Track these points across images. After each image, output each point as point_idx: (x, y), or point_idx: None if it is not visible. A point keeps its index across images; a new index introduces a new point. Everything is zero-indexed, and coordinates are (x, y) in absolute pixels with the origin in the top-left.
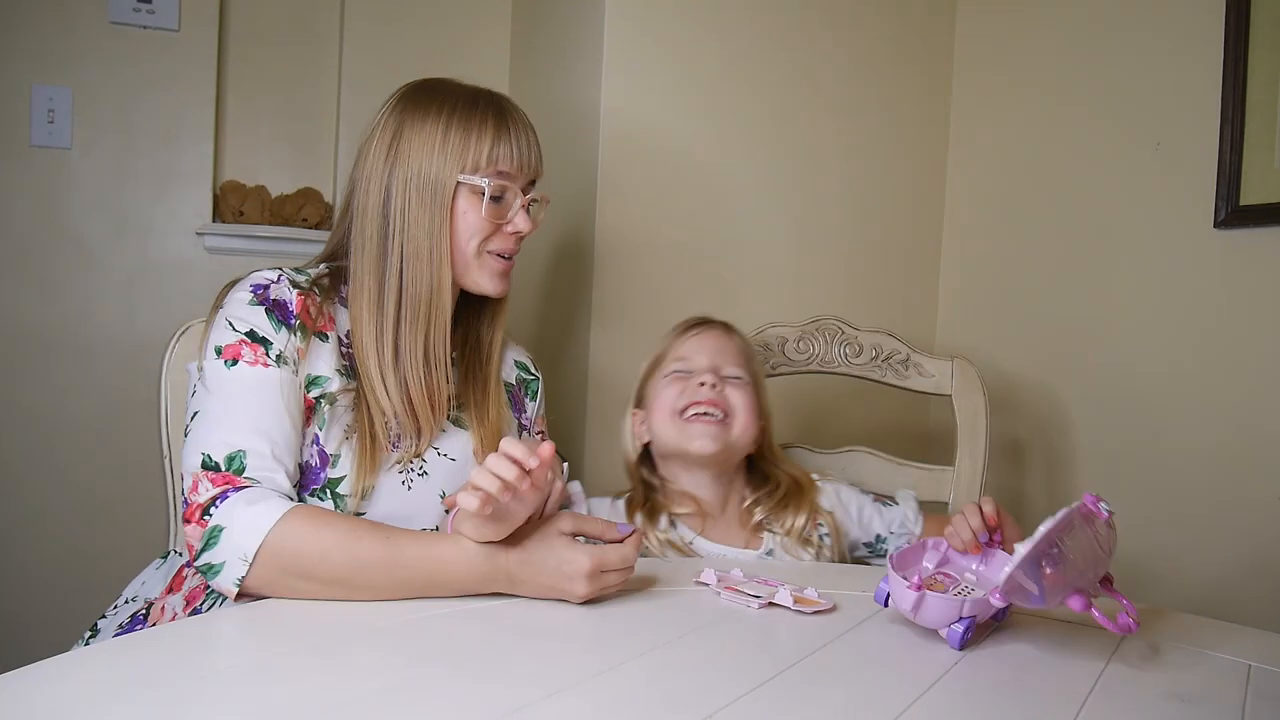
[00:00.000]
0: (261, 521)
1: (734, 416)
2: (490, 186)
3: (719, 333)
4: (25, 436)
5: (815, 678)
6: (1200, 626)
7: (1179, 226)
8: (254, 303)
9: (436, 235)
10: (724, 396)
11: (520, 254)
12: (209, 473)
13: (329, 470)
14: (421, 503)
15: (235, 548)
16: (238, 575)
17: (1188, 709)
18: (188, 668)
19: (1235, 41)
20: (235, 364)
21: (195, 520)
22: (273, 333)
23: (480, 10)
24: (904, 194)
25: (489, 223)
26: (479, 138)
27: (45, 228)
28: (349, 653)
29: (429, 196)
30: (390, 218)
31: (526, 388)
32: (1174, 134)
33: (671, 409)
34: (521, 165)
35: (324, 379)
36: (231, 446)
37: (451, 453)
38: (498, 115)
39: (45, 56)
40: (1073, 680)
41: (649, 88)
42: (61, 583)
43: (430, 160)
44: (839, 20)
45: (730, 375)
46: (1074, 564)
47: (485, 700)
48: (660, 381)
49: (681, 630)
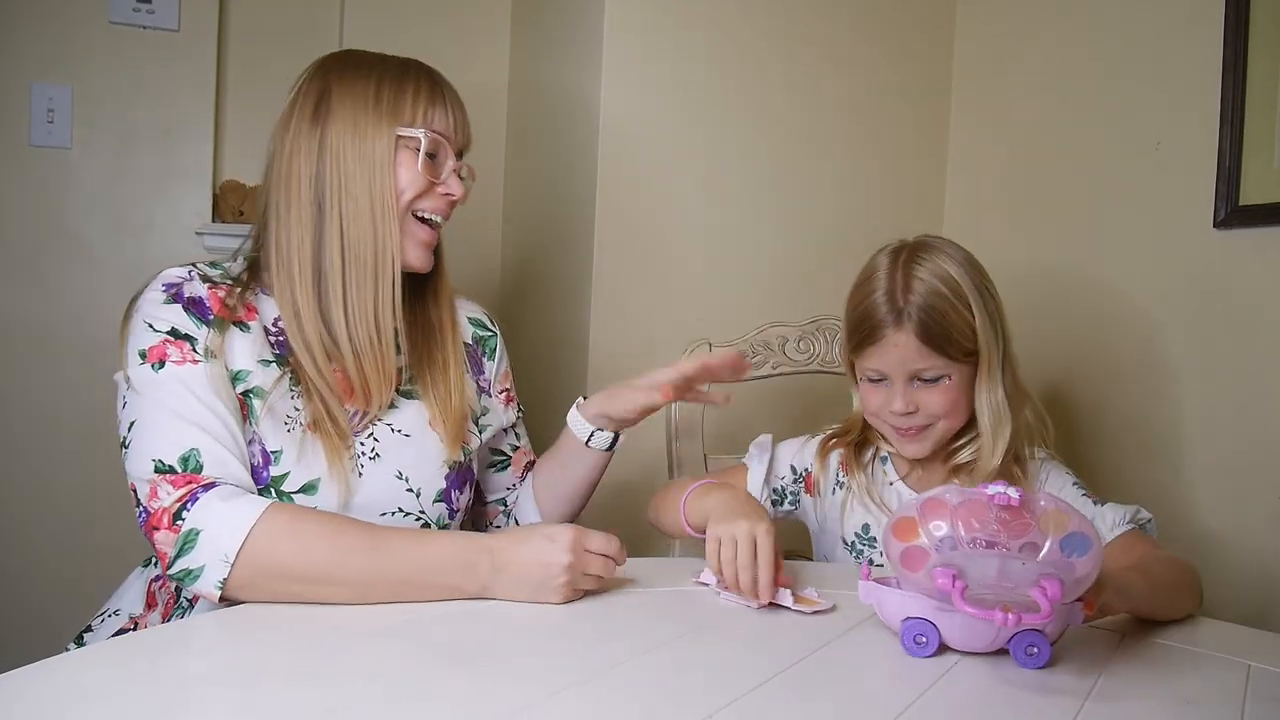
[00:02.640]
0: (241, 520)
1: (935, 423)
2: (426, 140)
3: (902, 337)
4: (24, 435)
5: (815, 678)
6: (1200, 626)
7: (1178, 226)
8: (169, 301)
9: (378, 191)
10: (920, 412)
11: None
12: (166, 476)
13: (272, 468)
14: (377, 488)
15: (215, 549)
16: (220, 577)
17: (1188, 709)
18: (186, 669)
19: (1235, 41)
20: (163, 365)
21: (166, 526)
22: (194, 329)
23: (480, 9)
24: (904, 193)
25: (424, 178)
26: (414, 95)
27: (45, 227)
28: (349, 653)
29: (369, 151)
30: (325, 179)
31: (483, 345)
32: (1174, 134)
33: (873, 415)
34: (453, 128)
35: (244, 373)
36: (182, 446)
37: (405, 427)
38: (429, 78)
39: (45, 56)
40: (1073, 680)
41: (648, 87)
42: (61, 582)
43: (365, 116)
44: (838, 19)
45: (928, 378)
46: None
47: (485, 700)
48: (860, 376)
49: (681, 630)
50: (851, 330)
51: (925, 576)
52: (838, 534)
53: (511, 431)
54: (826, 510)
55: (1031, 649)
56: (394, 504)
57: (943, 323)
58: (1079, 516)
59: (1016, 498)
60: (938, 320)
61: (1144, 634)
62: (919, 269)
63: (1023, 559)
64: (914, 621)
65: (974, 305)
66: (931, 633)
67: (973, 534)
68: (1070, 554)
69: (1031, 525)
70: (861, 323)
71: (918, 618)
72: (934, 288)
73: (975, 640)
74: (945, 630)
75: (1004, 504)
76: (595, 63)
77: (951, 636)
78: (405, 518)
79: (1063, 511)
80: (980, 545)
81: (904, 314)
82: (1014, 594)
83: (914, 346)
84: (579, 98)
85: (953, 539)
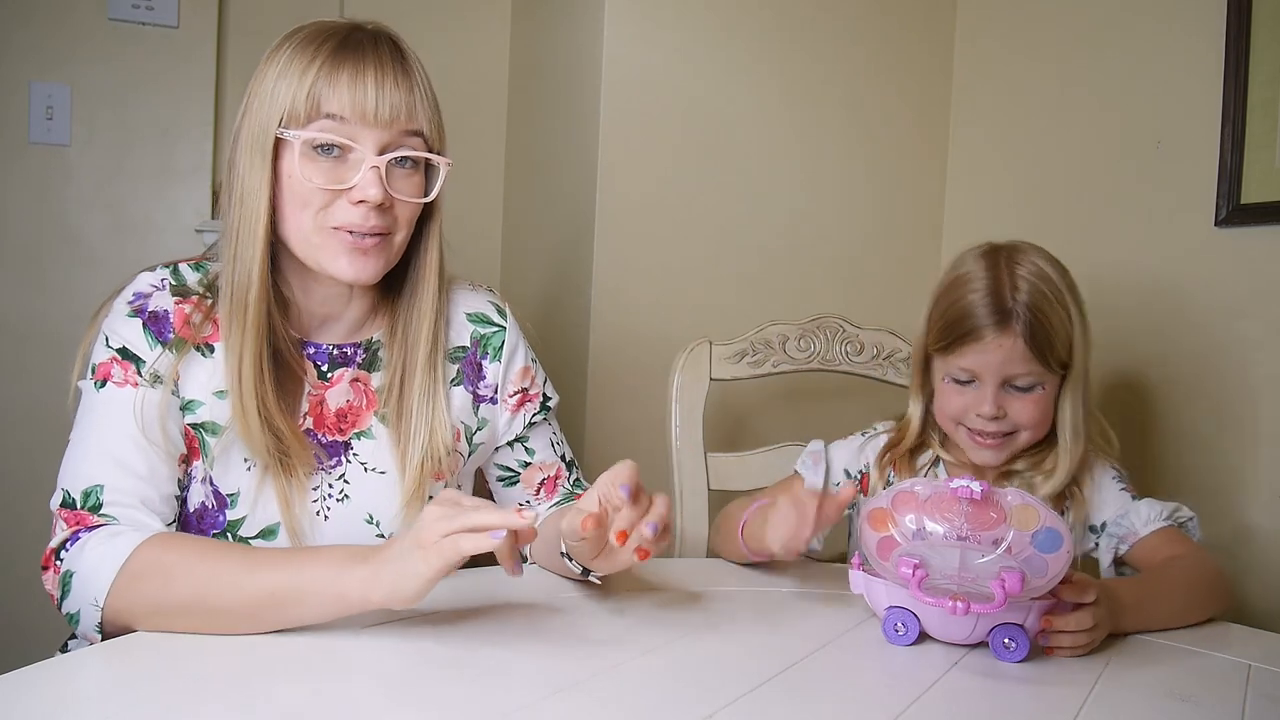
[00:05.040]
0: (110, 561)
1: (1019, 433)
2: (305, 137)
3: (1007, 339)
4: (22, 435)
5: (815, 677)
6: (1200, 626)
7: (1180, 225)
8: (130, 315)
9: (256, 208)
10: (1007, 418)
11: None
12: (65, 511)
13: (228, 511)
14: (341, 532)
15: (87, 593)
16: (94, 622)
17: (1188, 709)
18: (185, 669)
19: (1236, 39)
20: (104, 385)
21: (50, 566)
22: (146, 350)
23: (480, 6)
24: (904, 193)
25: (319, 188)
26: (302, 76)
27: (44, 225)
28: (349, 653)
29: (258, 156)
30: (232, 189)
31: (484, 345)
32: (1175, 133)
33: (953, 418)
34: (363, 111)
35: (197, 404)
36: (90, 480)
37: (379, 462)
38: (334, 51)
39: (44, 53)
40: (1073, 680)
41: (649, 87)
42: None
43: (262, 110)
44: (838, 19)
45: (1020, 385)
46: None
47: (485, 700)
48: (945, 378)
49: (681, 630)
50: (945, 328)
51: (892, 565)
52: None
53: (519, 445)
54: None
55: (1009, 642)
56: None
57: (1048, 327)
58: (1049, 513)
59: (979, 492)
60: (1043, 324)
61: (1144, 634)
62: (1021, 269)
63: (983, 551)
64: (895, 610)
65: (1072, 313)
66: (911, 621)
67: (938, 525)
68: (1041, 549)
69: (999, 520)
70: (960, 321)
71: (899, 607)
72: (1040, 289)
73: (953, 631)
74: (925, 620)
75: (966, 497)
76: (596, 60)
77: (931, 626)
78: None
79: (1031, 506)
80: (949, 538)
81: (1013, 314)
82: (976, 585)
83: (1019, 350)
84: (580, 96)
85: (918, 530)
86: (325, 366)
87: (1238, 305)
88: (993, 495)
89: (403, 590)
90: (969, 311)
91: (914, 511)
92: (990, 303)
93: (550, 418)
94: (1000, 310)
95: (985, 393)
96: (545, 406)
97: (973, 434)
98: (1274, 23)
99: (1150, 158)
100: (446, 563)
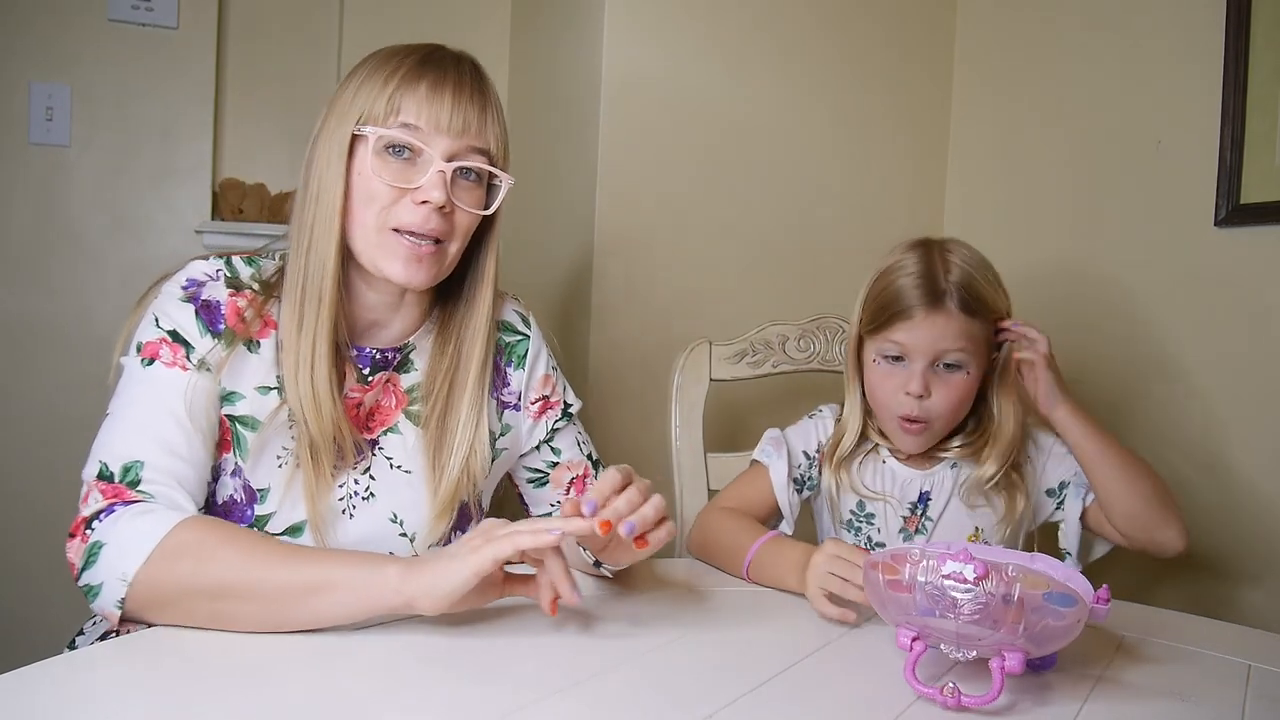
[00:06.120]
0: (147, 536)
1: (936, 421)
2: (380, 133)
3: (941, 317)
4: (22, 434)
5: (815, 678)
6: (1200, 626)
7: (1179, 225)
8: (184, 300)
9: (332, 204)
10: (929, 405)
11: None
12: (102, 483)
13: (256, 506)
14: (366, 530)
15: (115, 566)
16: (117, 597)
17: (1188, 709)
18: (186, 668)
19: (1236, 39)
20: (152, 363)
21: (79, 535)
22: (197, 337)
23: (480, 5)
24: (904, 193)
25: (386, 184)
26: (384, 83)
27: (43, 226)
28: (349, 652)
29: (334, 155)
30: (309, 187)
31: (509, 353)
32: (1174, 132)
33: (886, 406)
34: (437, 122)
35: (238, 396)
36: (129, 456)
37: (406, 460)
38: (418, 64)
39: (44, 54)
40: (1073, 680)
41: (649, 87)
42: (59, 582)
43: (342, 113)
44: (838, 19)
45: (950, 362)
46: None
47: (485, 700)
48: (875, 358)
49: (682, 630)
50: (877, 310)
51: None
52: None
53: (546, 447)
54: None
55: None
56: (385, 548)
57: (982, 299)
58: (1059, 583)
59: (973, 578)
60: (977, 297)
61: (1144, 634)
62: (953, 256)
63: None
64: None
65: (1002, 302)
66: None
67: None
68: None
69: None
70: (892, 301)
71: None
72: (971, 272)
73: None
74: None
75: (961, 582)
76: (596, 62)
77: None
78: None
79: (1036, 574)
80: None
81: (946, 293)
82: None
83: (952, 327)
84: (580, 97)
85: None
86: (367, 370)
87: (1237, 305)
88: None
89: (439, 587)
90: (900, 293)
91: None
92: (923, 284)
93: (574, 421)
94: (933, 290)
95: (914, 369)
96: (566, 413)
97: (900, 420)
98: (1273, 23)
99: (1150, 158)
100: (493, 559)
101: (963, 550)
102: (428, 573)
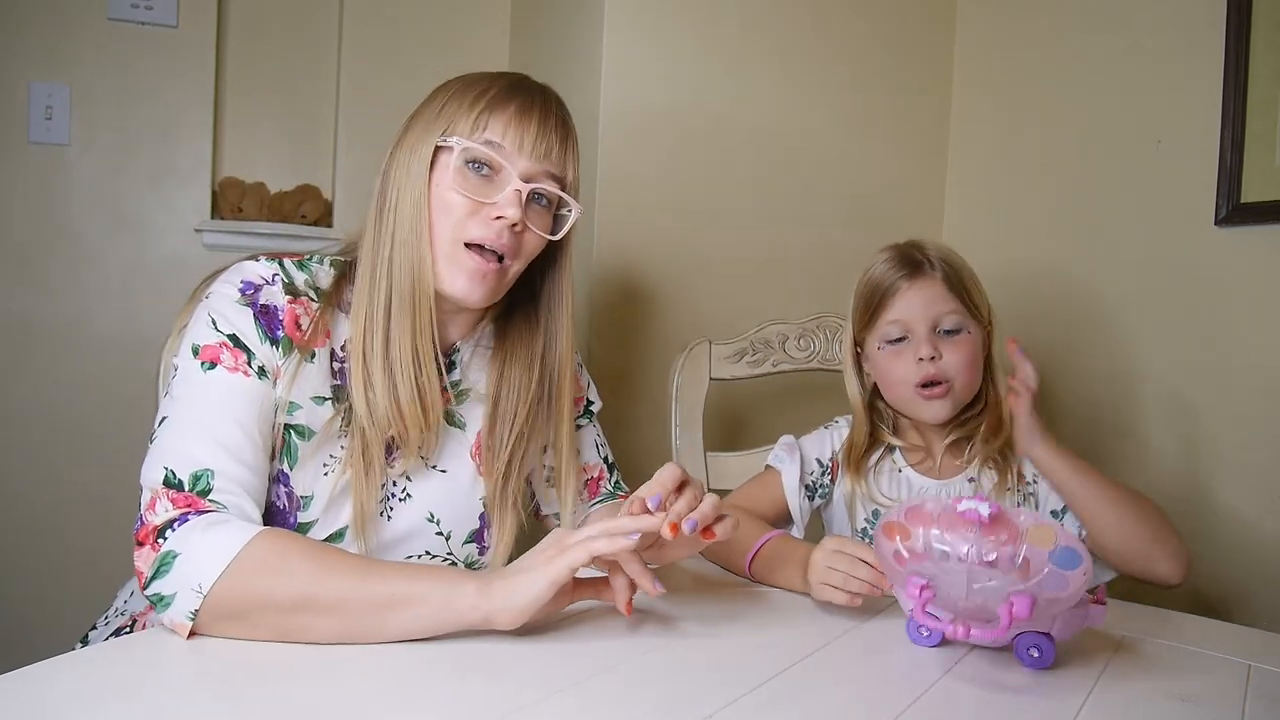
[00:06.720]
0: (224, 548)
1: (956, 379)
2: (465, 148)
3: (926, 282)
4: (22, 434)
5: (815, 678)
6: (1200, 626)
7: (1180, 224)
8: (242, 304)
9: (415, 212)
10: (943, 365)
11: None
12: (171, 491)
13: (300, 514)
14: (403, 529)
15: (189, 577)
16: (191, 608)
17: (1188, 709)
18: (189, 667)
19: (1236, 39)
20: (213, 368)
21: (149, 543)
22: (256, 343)
23: (480, 5)
24: (904, 193)
25: (465, 196)
26: (473, 101)
27: (43, 225)
28: (349, 653)
29: (416, 165)
30: (386, 196)
31: None
32: (1175, 132)
33: (904, 383)
34: (520, 143)
35: (295, 406)
36: (199, 464)
37: (442, 463)
38: (508, 87)
39: (43, 53)
40: (1073, 680)
41: (649, 87)
42: (58, 582)
43: (425, 126)
44: (838, 19)
45: (948, 328)
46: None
47: (485, 700)
48: (879, 346)
49: (682, 630)
50: (866, 302)
51: (902, 581)
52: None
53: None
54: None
55: (1033, 650)
56: (421, 546)
57: (961, 273)
58: (1066, 533)
59: (987, 515)
60: (956, 270)
61: (1144, 634)
62: (928, 248)
63: (991, 574)
64: None
65: (981, 289)
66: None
67: (947, 546)
68: (1060, 566)
69: (1014, 539)
70: (877, 286)
71: None
72: (947, 253)
73: (979, 635)
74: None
75: (975, 520)
76: (595, 62)
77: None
78: (431, 560)
79: (1047, 526)
80: (959, 559)
81: (924, 264)
82: (985, 608)
83: (940, 291)
84: (580, 97)
85: (927, 548)
86: None
87: (1237, 304)
88: (1004, 516)
89: (516, 601)
90: (882, 279)
91: (925, 528)
92: (901, 260)
93: (594, 422)
94: (912, 262)
95: (918, 337)
96: (589, 411)
97: (919, 390)
98: (1274, 22)
99: (1150, 157)
100: (569, 568)
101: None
102: (505, 587)
